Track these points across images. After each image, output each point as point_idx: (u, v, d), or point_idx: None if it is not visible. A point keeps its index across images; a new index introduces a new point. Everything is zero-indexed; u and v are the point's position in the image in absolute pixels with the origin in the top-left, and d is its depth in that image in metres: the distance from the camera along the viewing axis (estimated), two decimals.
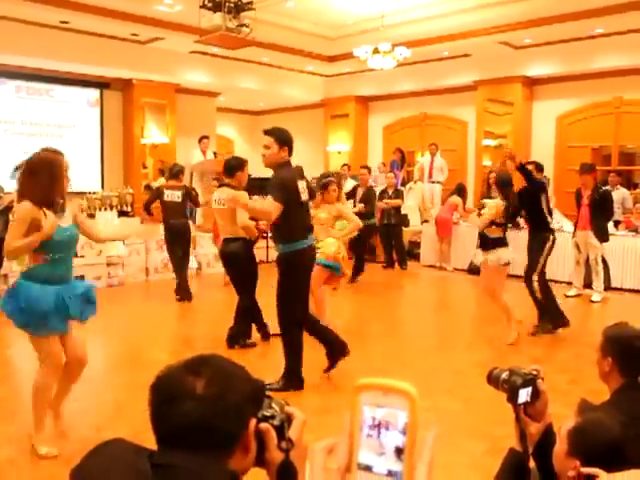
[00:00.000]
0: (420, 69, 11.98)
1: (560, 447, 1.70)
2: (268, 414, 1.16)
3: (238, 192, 4.87)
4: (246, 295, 5.64)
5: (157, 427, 1.11)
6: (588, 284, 8.17)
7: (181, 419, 1.07)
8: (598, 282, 8.01)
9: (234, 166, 5.76)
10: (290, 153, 4.53)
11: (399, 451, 0.71)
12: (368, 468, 0.72)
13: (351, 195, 9.72)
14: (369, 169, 10.62)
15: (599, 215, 7.73)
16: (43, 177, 3.41)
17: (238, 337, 5.67)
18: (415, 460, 0.71)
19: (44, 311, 3.39)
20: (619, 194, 9.48)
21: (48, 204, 3.39)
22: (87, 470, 1.07)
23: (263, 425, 1.14)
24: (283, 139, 4.48)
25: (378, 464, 0.71)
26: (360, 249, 9.49)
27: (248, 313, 5.71)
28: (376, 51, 9.60)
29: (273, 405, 1.18)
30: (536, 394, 1.69)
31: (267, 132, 4.53)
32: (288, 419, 1.18)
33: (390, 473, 0.71)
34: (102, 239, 4.35)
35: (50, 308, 3.40)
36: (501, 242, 5.82)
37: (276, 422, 1.16)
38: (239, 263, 5.60)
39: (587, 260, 8.05)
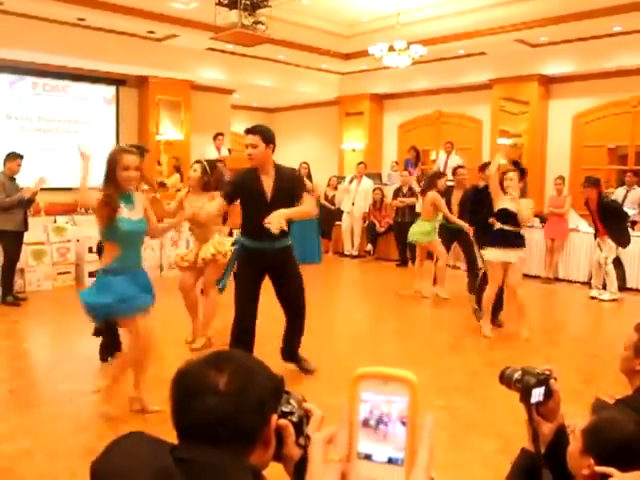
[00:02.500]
0: (435, 67, 11.94)
1: (574, 445, 1.70)
2: (287, 410, 1.17)
3: (275, 214, 4.23)
4: None
5: (179, 421, 1.12)
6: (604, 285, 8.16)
7: (204, 414, 1.08)
8: (610, 282, 8.01)
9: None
10: (274, 151, 4.56)
11: (400, 438, 0.71)
12: (368, 457, 0.72)
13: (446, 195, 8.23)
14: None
15: (611, 224, 7.78)
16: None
17: None
18: (416, 446, 0.71)
19: (124, 297, 3.75)
20: (635, 194, 9.42)
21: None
22: (109, 463, 1.08)
23: (282, 421, 1.15)
24: (269, 137, 4.49)
25: (378, 452, 0.72)
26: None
27: None
28: (391, 49, 9.58)
29: (291, 401, 1.19)
30: (549, 394, 1.69)
31: (251, 131, 4.50)
32: (306, 415, 1.19)
33: (391, 460, 0.71)
34: (157, 236, 4.42)
35: (127, 294, 3.76)
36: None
37: (295, 418, 1.17)
38: None
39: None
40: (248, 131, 4.53)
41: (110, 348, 5.24)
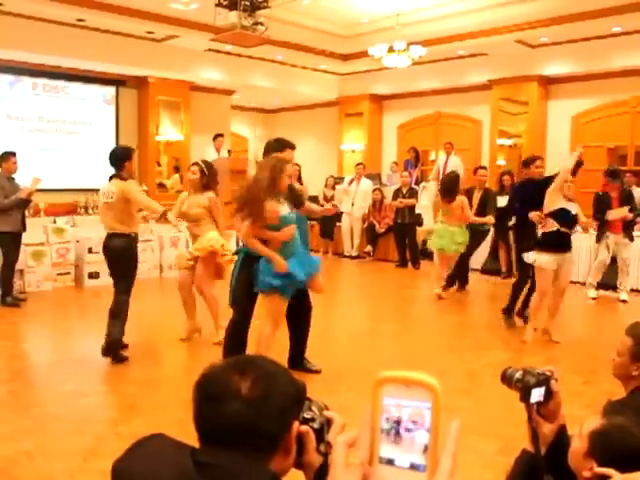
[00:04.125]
0: (435, 68, 11.94)
1: (579, 446, 1.69)
2: (308, 417, 1.16)
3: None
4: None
5: (200, 425, 1.12)
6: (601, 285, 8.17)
7: (226, 419, 1.07)
8: (626, 282, 8.06)
9: (121, 157, 5.53)
10: None
11: (422, 444, 0.71)
12: (390, 462, 0.72)
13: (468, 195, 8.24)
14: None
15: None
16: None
17: None
18: (439, 453, 0.71)
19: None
20: (635, 194, 9.41)
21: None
22: (131, 464, 1.08)
23: (303, 428, 1.15)
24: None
25: (400, 458, 0.71)
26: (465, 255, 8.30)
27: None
28: (391, 50, 9.58)
29: (313, 408, 1.18)
30: (549, 394, 1.69)
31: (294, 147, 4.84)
32: (327, 422, 1.18)
33: (413, 466, 0.71)
34: None
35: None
36: None
37: (316, 425, 1.16)
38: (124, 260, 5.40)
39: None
40: (293, 146, 4.83)
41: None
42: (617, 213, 7.71)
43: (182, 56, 11.27)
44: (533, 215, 5.74)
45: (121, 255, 5.31)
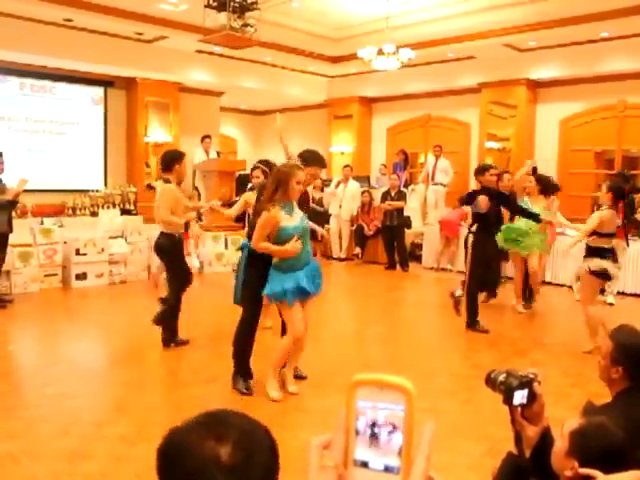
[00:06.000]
0: (424, 71, 11.98)
1: (560, 446, 1.71)
2: None
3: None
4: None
5: None
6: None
7: None
8: (615, 285, 8.07)
9: (170, 159, 5.61)
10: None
11: (397, 446, 0.71)
12: (364, 464, 0.72)
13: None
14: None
15: (631, 219, 7.84)
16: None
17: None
18: (413, 454, 0.71)
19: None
20: None
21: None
22: None
23: None
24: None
25: (375, 460, 0.71)
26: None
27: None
28: (380, 52, 9.60)
29: None
30: (533, 397, 1.70)
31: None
32: None
33: (387, 469, 0.71)
34: None
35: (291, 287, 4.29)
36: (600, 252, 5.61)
37: None
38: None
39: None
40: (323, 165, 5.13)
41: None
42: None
43: (171, 57, 11.24)
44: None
45: (162, 252, 5.68)
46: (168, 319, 5.62)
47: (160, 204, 5.52)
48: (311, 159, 4.92)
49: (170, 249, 5.57)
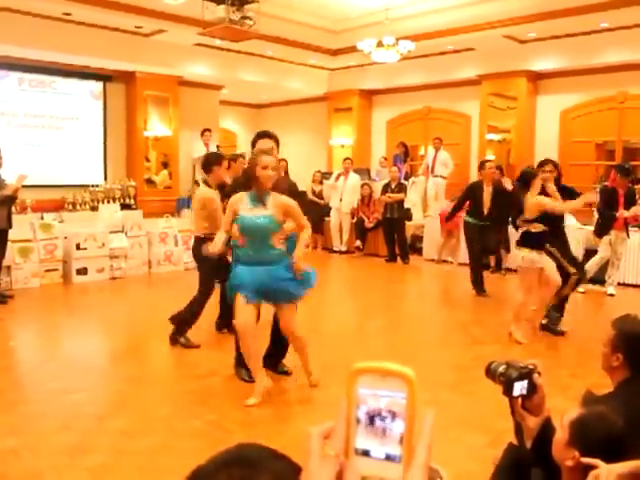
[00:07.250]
0: (424, 63, 11.94)
1: (561, 436, 1.70)
2: None
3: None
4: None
5: None
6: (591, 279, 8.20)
7: None
8: (615, 276, 8.11)
9: (209, 162, 5.57)
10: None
11: (398, 435, 0.70)
12: (366, 453, 0.71)
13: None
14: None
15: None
16: None
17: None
18: (414, 443, 0.70)
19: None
20: None
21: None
22: None
23: None
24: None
25: (376, 449, 0.71)
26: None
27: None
28: (380, 44, 9.56)
29: None
30: (533, 388, 1.69)
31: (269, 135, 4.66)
32: None
33: (389, 457, 0.70)
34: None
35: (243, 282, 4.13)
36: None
37: None
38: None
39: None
40: (263, 135, 4.68)
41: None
42: (636, 210, 7.66)
43: (170, 51, 11.20)
44: None
45: (195, 255, 5.58)
46: (184, 324, 5.55)
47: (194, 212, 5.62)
48: (255, 137, 4.72)
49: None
